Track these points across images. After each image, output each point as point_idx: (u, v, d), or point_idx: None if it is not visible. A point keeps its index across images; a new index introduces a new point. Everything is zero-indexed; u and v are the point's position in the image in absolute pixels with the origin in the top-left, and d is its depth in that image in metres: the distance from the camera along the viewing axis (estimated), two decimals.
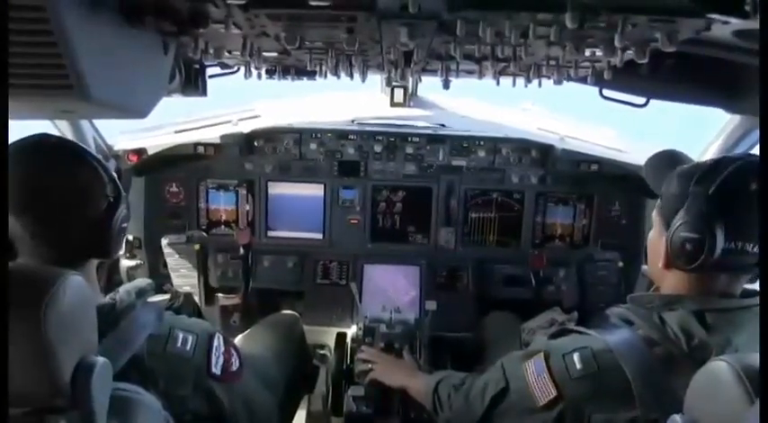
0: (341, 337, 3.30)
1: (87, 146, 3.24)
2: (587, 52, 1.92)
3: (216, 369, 1.89)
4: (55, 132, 3.07)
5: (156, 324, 1.80)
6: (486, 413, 2.04)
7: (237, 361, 2.02)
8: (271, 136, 3.85)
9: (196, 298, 3.56)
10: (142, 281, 1.93)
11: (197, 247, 3.66)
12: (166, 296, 2.06)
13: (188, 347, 1.83)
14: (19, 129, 1.68)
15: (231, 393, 1.96)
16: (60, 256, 1.70)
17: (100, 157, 1.82)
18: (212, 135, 3.79)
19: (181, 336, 1.84)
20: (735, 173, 1.71)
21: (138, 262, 3.68)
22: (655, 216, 1.98)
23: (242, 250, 3.57)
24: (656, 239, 1.95)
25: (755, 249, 1.71)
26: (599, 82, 2.46)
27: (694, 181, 1.76)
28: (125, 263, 3.62)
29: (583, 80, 2.46)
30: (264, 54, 2.24)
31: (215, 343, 1.93)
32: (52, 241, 1.71)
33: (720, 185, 1.71)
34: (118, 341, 1.66)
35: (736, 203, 1.72)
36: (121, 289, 1.80)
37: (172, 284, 3.63)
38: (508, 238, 3.97)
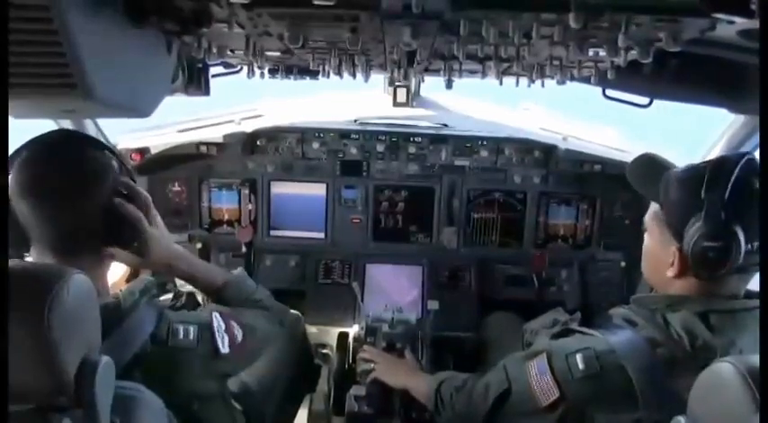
0: (343, 337, 3.30)
1: None
2: (591, 52, 1.91)
3: (224, 348, 1.92)
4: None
5: (157, 323, 1.81)
6: (489, 414, 2.04)
7: (240, 332, 2.02)
8: (273, 135, 3.85)
9: (198, 297, 3.57)
10: (146, 279, 1.93)
11: (199, 246, 3.66)
12: (170, 295, 2.06)
13: (191, 337, 1.84)
14: (22, 128, 1.69)
15: (239, 367, 2.05)
16: (70, 244, 1.73)
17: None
18: (215, 134, 3.79)
19: (181, 328, 1.84)
20: (741, 174, 1.71)
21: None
22: (651, 223, 1.96)
23: (244, 249, 3.57)
24: (657, 249, 1.94)
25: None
26: (602, 82, 2.45)
27: (705, 187, 1.74)
28: None
29: (586, 80, 2.45)
30: (267, 53, 2.24)
31: (215, 324, 1.94)
32: (62, 227, 1.72)
33: (733, 189, 1.70)
34: (121, 340, 1.66)
35: (748, 205, 1.71)
36: (125, 288, 1.81)
37: (174, 283, 3.63)
38: (510, 238, 3.96)
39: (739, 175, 1.71)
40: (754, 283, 1.86)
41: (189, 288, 3.51)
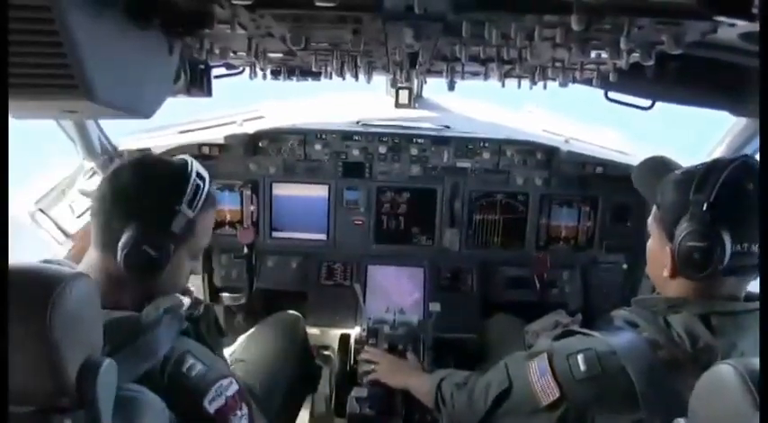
0: (344, 339, 3.30)
1: (92, 146, 3.25)
2: (593, 54, 1.91)
3: (209, 405, 1.77)
4: (60, 132, 3.09)
5: (173, 344, 1.78)
6: (488, 413, 2.04)
7: (245, 417, 1.88)
8: (275, 137, 3.85)
9: (201, 296, 3.57)
10: (174, 298, 1.90)
11: None
12: (187, 301, 2.03)
13: (193, 373, 1.77)
14: (24, 128, 1.69)
15: None
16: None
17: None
18: (217, 136, 3.80)
19: (191, 361, 1.78)
20: (731, 176, 1.73)
21: None
22: (652, 225, 1.98)
23: (246, 250, 3.57)
24: (656, 249, 1.95)
25: (758, 249, 1.72)
26: (604, 84, 2.45)
27: (693, 189, 1.76)
28: None
29: (588, 82, 2.45)
30: (270, 55, 2.25)
31: (223, 382, 1.83)
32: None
33: (720, 191, 1.72)
34: (136, 353, 1.64)
35: (737, 207, 1.73)
36: (150, 305, 1.79)
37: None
38: (512, 240, 3.96)
39: (729, 177, 1.73)
40: (754, 285, 1.87)
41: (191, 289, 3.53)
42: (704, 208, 1.72)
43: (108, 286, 1.76)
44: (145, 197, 1.83)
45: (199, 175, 1.93)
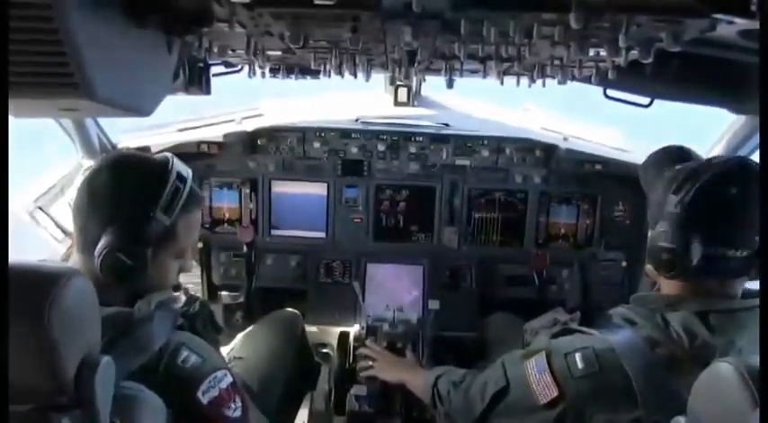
0: (344, 337, 3.30)
1: (91, 143, 3.25)
2: (592, 52, 1.91)
3: (203, 397, 1.75)
4: (59, 130, 3.09)
5: (168, 338, 1.78)
6: (485, 411, 2.04)
7: (239, 410, 1.86)
8: (274, 135, 3.85)
9: (200, 294, 3.57)
10: (166, 293, 1.90)
11: (200, 244, 3.66)
12: (181, 295, 2.03)
13: (188, 365, 1.76)
14: (23, 127, 1.69)
15: None
16: None
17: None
18: (216, 133, 3.80)
19: (186, 353, 1.78)
20: (711, 180, 1.74)
21: None
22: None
23: (245, 248, 3.57)
24: None
25: (739, 253, 1.72)
26: (603, 82, 2.45)
27: (672, 189, 1.78)
28: None
29: (587, 80, 2.45)
30: (268, 53, 2.24)
31: (217, 374, 1.81)
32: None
33: (696, 195, 1.74)
34: (131, 347, 1.64)
35: (713, 211, 1.74)
36: (142, 300, 1.79)
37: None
38: (511, 237, 3.97)
39: (707, 181, 1.74)
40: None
41: (189, 286, 3.54)
42: (677, 210, 1.75)
43: (95, 286, 1.75)
44: (119, 203, 1.79)
45: (179, 176, 1.87)
